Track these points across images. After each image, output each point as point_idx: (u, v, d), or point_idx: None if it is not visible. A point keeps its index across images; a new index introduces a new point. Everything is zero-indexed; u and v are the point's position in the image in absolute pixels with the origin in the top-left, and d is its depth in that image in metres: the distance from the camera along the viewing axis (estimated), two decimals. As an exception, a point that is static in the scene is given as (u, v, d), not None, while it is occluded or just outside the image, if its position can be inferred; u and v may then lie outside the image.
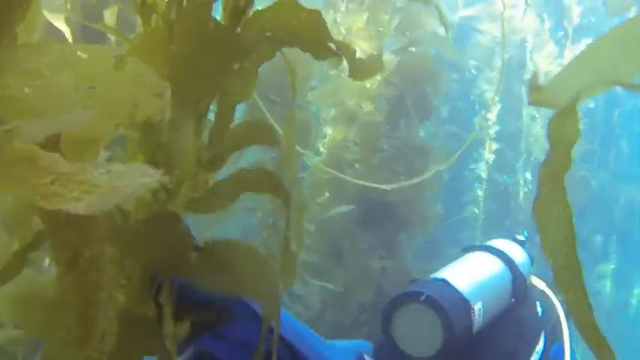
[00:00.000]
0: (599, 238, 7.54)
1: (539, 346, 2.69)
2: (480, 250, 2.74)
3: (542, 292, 2.95)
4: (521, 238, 3.06)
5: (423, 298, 2.18)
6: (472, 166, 6.18)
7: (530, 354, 2.64)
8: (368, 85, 3.92)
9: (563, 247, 1.03)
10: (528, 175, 6.14)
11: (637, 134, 8.82)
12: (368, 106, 3.94)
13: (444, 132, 6.30)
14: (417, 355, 2.19)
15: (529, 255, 2.90)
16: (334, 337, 2.04)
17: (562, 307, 2.88)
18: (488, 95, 5.87)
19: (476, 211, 5.70)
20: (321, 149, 4.07)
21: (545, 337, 2.74)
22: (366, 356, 1.93)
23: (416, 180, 3.44)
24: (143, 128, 1.25)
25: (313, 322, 3.67)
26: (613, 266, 7.68)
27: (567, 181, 0.97)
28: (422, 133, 4.50)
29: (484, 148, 5.76)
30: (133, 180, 0.69)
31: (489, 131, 5.72)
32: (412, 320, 2.19)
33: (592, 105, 7.04)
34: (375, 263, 3.80)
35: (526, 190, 6.10)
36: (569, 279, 1.02)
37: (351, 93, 3.94)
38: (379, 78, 3.91)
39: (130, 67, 1.06)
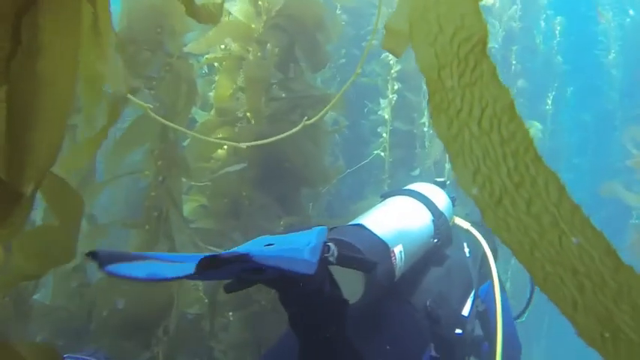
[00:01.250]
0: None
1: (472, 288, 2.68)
2: (397, 194, 2.67)
3: (467, 231, 2.91)
4: (440, 179, 3.00)
5: (341, 245, 1.98)
6: (375, 110, 5.91)
7: (464, 294, 2.61)
8: (253, 26, 3.55)
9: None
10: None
11: (534, 72, 8.85)
12: (255, 50, 3.57)
13: (342, 79, 6.03)
14: None
15: (450, 196, 2.85)
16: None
17: (488, 244, 2.83)
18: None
19: (382, 154, 5.44)
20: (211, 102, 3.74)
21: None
22: (330, 245, 1.78)
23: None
24: None
25: (215, 288, 3.44)
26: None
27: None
28: (318, 81, 4.19)
29: (387, 89, 5.45)
30: None
31: (391, 71, 5.42)
32: (333, 269, 1.99)
33: (491, 44, 6.90)
34: (274, 222, 3.51)
35: (431, 132, 5.87)
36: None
37: (236, 36, 3.56)
38: (264, 18, 3.55)
39: None
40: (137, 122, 3.09)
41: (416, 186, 2.77)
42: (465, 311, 2.57)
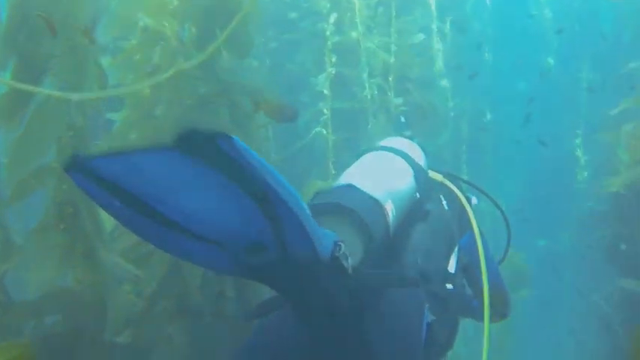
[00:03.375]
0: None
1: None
2: (373, 150, 2.57)
3: (441, 183, 2.81)
4: (408, 133, 2.92)
5: (334, 208, 1.96)
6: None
7: (449, 250, 2.57)
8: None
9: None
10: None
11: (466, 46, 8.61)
12: (172, 26, 3.19)
13: (273, 64, 5.68)
14: None
15: (422, 148, 2.77)
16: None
17: (464, 196, 2.76)
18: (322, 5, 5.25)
19: (324, 131, 5.07)
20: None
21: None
22: (341, 243, 1.66)
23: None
24: None
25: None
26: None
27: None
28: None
29: (325, 62, 5.08)
30: None
31: (328, 42, 5.05)
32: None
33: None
34: None
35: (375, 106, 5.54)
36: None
37: (149, 10, 3.19)
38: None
39: None
40: (39, 112, 2.70)
41: (389, 142, 2.70)
42: (451, 267, 2.55)
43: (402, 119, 2.97)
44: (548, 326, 8.03)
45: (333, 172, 4.93)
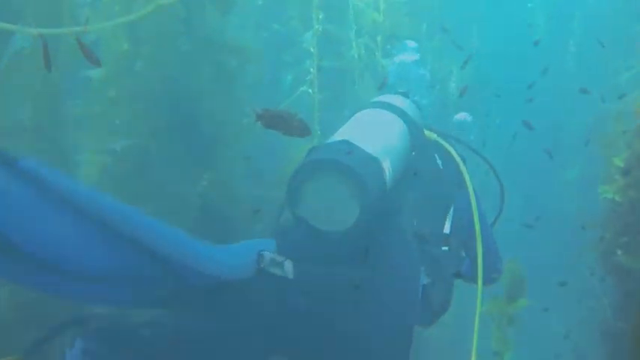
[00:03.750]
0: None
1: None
2: (367, 107, 2.52)
3: (436, 142, 2.75)
4: (402, 90, 2.88)
5: (331, 164, 1.92)
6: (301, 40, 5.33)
7: (444, 210, 2.55)
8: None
9: None
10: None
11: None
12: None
13: (259, 23, 5.52)
14: (332, 229, 1.88)
15: (417, 104, 2.73)
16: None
17: (458, 155, 2.70)
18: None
19: (310, 91, 4.95)
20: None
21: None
22: (266, 252, 1.66)
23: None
24: None
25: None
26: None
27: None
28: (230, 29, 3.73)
29: (311, 20, 4.93)
30: None
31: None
32: (322, 191, 1.90)
33: None
34: (189, 187, 3.15)
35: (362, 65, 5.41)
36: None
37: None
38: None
39: None
40: (12, 66, 2.59)
41: (384, 98, 2.65)
42: (447, 228, 2.52)
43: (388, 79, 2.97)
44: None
45: (319, 132, 4.85)
